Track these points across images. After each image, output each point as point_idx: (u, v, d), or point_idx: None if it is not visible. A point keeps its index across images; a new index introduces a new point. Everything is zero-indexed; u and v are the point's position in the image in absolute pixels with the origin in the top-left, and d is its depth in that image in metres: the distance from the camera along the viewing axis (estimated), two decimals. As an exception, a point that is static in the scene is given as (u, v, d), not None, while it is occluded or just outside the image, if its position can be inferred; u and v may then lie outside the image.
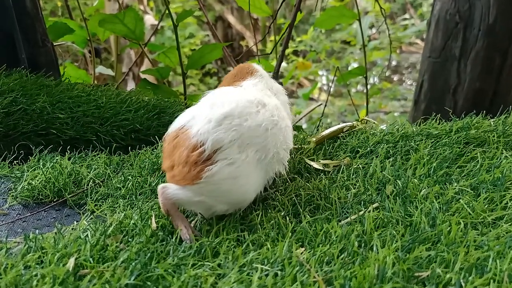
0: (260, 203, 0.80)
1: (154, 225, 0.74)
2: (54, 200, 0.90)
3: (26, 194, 0.91)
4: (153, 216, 0.76)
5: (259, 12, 1.88)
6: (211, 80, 4.74)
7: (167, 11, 1.51)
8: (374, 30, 4.74)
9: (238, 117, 0.73)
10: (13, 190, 0.93)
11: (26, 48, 1.34)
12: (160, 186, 0.72)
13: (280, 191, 0.82)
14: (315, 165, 0.88)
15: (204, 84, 4.71)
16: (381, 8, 1.85)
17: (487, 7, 1.49)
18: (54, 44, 1.48)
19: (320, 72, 4.59)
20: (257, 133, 0.73)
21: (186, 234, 0.70)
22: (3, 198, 0.93)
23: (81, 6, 1.87)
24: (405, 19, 5.18)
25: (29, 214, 0.87)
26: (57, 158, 1.00)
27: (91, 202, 0.87)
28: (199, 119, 0.73)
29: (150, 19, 4.25)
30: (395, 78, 5.42)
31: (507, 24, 1.49)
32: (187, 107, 1.36)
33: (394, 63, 5.39)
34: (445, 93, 1.62)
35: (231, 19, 5.41)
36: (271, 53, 1.55)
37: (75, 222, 0.80)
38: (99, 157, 1.03)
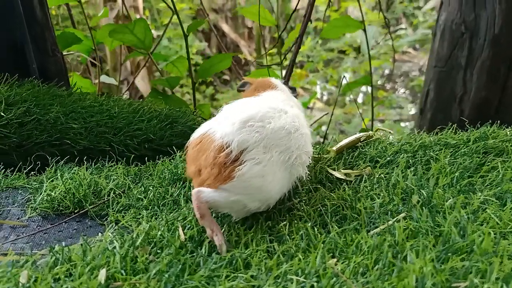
0: (286, 214, 0.80)
1: (182, 236, 0.74)
2: (75, 211, 0.89)
3: (45, 206, 0.90)
4: (180, 227, 0.76)
5: (264, 22, 1.89)
6: (207, 89, 4.74)
7: (175, 20, 1.51)
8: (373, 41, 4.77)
9: (260, 120, 0.75)
10: (32, 202, 0.92)
11: (36, 57, 1.33)
12: (194, 191, 0.72)
13: (304, 201, 0.83)
14: (337, 174, 0.88)
15: (199, 93, 4.71)
16: (385, 18, 1.87)
17: (492, 17, 1.51)
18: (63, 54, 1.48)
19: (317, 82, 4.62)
20: (280, 135, 0.76)
21: (221, 240, 0.70)
22: (22, 210, 0.92)
23: (86, 16, 1.87)
24: (401, 29, 5.23)
25: (50, 225, 0.87)
26: (75, 168, 0.99)
27: (114, 213, 0.86)
28: (222, 123, 0.76)
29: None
30: (388, 86, 5.47)
31: (512, 34, 1.51)
32: (199, 117, 1.37)
33: (387, 71, 5.44)
34: (451, 102, 1.63)
35: (225, 28, 5.43)
36: (281, 62, 1.56)
37: (99, 233, 0.79)
38: (117, 168, 1.03)
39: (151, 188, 0.92)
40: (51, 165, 1.03)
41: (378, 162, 0.94)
